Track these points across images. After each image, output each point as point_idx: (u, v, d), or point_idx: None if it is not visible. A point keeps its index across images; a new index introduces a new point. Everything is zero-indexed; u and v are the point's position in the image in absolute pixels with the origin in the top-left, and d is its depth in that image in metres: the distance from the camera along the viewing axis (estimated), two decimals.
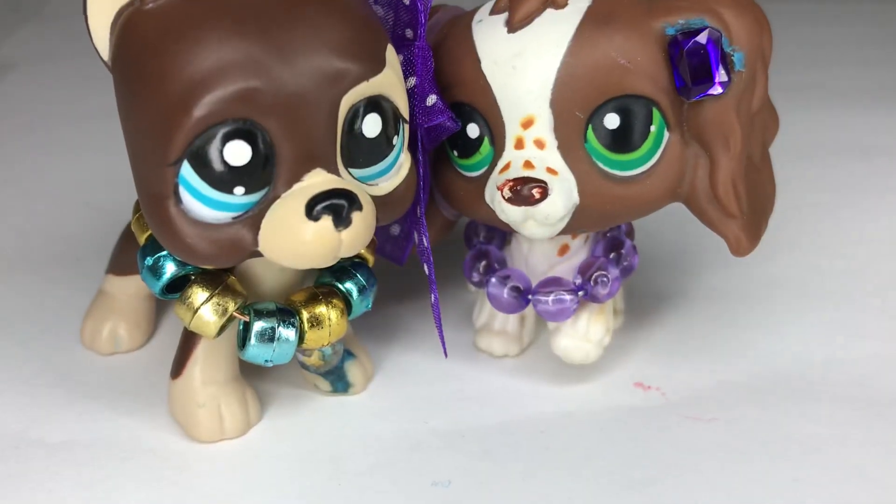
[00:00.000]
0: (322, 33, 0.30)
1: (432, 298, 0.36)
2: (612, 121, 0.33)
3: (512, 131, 0.33)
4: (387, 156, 0.32)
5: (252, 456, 0.34)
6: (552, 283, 0.36)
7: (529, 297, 0.36)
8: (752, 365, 0.39)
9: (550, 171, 0.33)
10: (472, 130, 0.34)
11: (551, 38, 0.32)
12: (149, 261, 0.32)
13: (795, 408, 0.37)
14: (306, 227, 0.29)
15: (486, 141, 0.34)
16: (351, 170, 0.31)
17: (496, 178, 0.34)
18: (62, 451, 0.34)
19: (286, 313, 0.33)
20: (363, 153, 0.31)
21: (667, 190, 0.34)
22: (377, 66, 0.31)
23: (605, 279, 0.36)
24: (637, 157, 0.33)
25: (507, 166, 0.33)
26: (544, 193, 0.32)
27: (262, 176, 0.29)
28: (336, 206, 0.30)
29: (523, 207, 0.33)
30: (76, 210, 0.51)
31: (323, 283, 0.34)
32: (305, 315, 0.33)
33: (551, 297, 0.36)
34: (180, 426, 0.35)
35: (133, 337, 0.40)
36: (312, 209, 0.29)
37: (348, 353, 0.37)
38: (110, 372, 0.39)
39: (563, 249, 0.37)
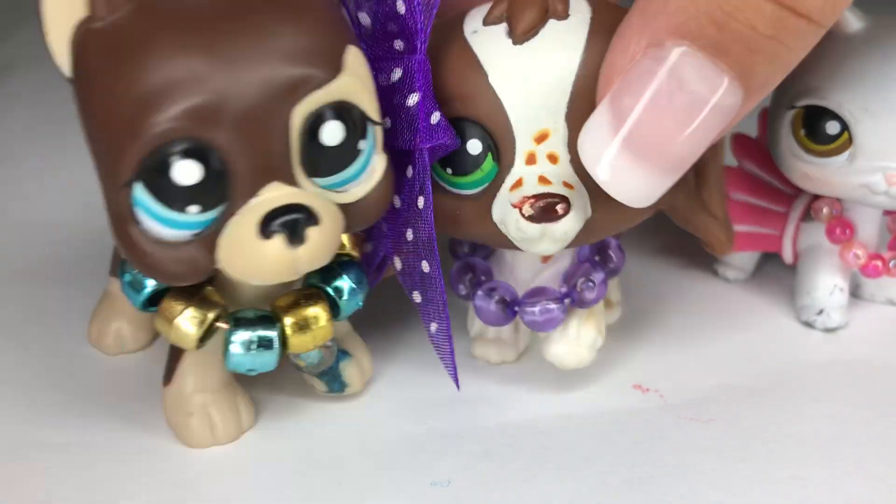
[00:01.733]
0: (270, 41, 0.29)
1: (435, 328, 0.35)
2: None
3: (523, 146, 0.33)
4: (353, 162, 0.31)
5: (252, 457, 0.34)
6: (538, 294, 0.36)
7: (516, 308, 0.36)
8: (750, 366, 0.39)
9: (567, 185, 0.32)
10: (474, 147, 0.33)
11: (563, 50, 0.32)
12: (128, 276, 0.32)
13: (795, 408, 0.37)
14: (259, 246, 0.29)
15: (490, 157, 0.33)
16: (314, 179, 0.30)
17: (509, 196, 0.33)
18: (62, 452, 0.35)
19: (266, 320, 0.32)
20: (326, 162, 0.30)
21: (662, 198, 0.34)
22: (332, 71, 0.30)
23: (590, 284, 0.36)
24: None
25: (518, 183, 0.33)
26: (567, 209, 0.32)
27: (216, 193, 0.29)
28: (290, 222, 0.29)
29: (542, 225, 0.32)
30: (76, 210, 0.51)
31: (310, 284, 0.34)
32: (289, 320, 0.33)
33: (538, 308, 0.36)
34: (173, 432, 0.35)
35: (137, 338, 0.40)
36: (265, 227, 0.29)
37: (343, 353, 0.37)
38: (111, 375, 0.39)
39: (548, 257, 0.37)
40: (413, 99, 0.32)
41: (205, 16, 0.29)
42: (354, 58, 0.31)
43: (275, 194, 0.29)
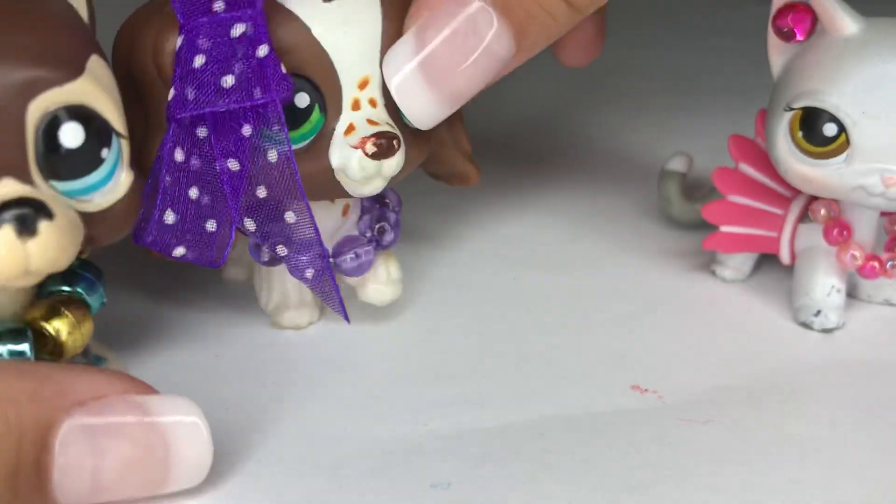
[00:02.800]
0: (6, 38, 0.29)
1: (311, 274, 0.37)
2: None
3: (349, 94, 0.36)
4: (95, 169, 0.31)
5: (253, 460, 0.34)
6: (349, 243, 0.39)
7: (331, 260, 0.38)
8: (749, 367, 0.39)
9: (389, 125, 0.36)
10: (302, 100, 0.35)
11: (368, 2, 0.36)
12: None
13: (794, 410, 0.37)
14: None
15: (317, 108, 0.35)
16: (53, 182, 0.30)
17: (346, 140, 0.35)
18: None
19: (16, 333, 0.32)
20: (65, 164, 0.30)
21: (426, 145, 0.39)
22: (71, 72, 0.30)
23: (387, 226, 0.40)
24: None
25: (350, 128, 0.35)
26: (400, 144, 0.36)
27: None
28: (19, 214, 0.28)
29: (378, 162, 0.35)
30: None
31: (53, 291, 0.34)
32: (52, 327, 0.33)
33: (350, 256, 0.38)
34: None
35: None
36: None
37: (98, 358, 0.36)
38: None
39: (346, 209, 0.39)
40: (263, 50, 0.34)
41: None
42: (97, 65, 0.31)
43: (6, 190, 0.29)
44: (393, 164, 0.36)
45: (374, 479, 0.34)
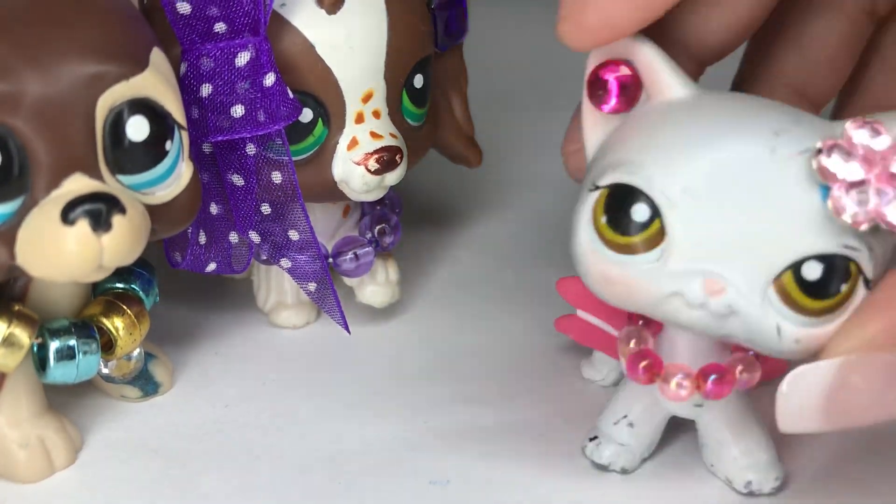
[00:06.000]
0: (74, 33, 0.29)
1: (314, 287, 0.38)
2: (419, 80, 0.37)
3: (352, 108, 0.35)
4: (159, 162, 0.31)
5: (254, 457, 0.34)
6: (349, 243, 0.39)
7: (329, 260, 0.38)
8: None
9: (392, 135, 0.36)
10: (305, 115, 0.35)
11: (372, 14, 0.35)
12: None
13: None
14: (62, 234, 0.28)
15: (320, 122, 0.35)
16: (120, 176, 0.30)
17: (349, 155, 0.35)
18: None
19: (81, 327, 0.32)
20: (131, 158, 0.30)
21: (434, 131, 0.39)
22: (137, 66, 0.30)
23: (387, 228, 0.39)
24: (426, 108, 0.38)
25: (353, 142, 0.35)
26: (402, 157, 0.36)
27: (15, 183, 0.28)
28: (93, 209, 0.28)
29: (381, 176, 0.35)
30: None
31: (108, 288, 0.34)
32: (111, 324, 0.33)
33: (349, 256, 0.38)
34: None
35: None
36: (68, 214, 0.28)
37: (148, 354, 0.36)
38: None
39: (346, 210, 0.39)
40: (270, 79, 0.34)
41: (8, 5, 0.29)
42: (159, 58, 0.31)
43: (79, 185, 0.29)
44: (395, 175, 0.36)
45: (373, 477, 0.34)
